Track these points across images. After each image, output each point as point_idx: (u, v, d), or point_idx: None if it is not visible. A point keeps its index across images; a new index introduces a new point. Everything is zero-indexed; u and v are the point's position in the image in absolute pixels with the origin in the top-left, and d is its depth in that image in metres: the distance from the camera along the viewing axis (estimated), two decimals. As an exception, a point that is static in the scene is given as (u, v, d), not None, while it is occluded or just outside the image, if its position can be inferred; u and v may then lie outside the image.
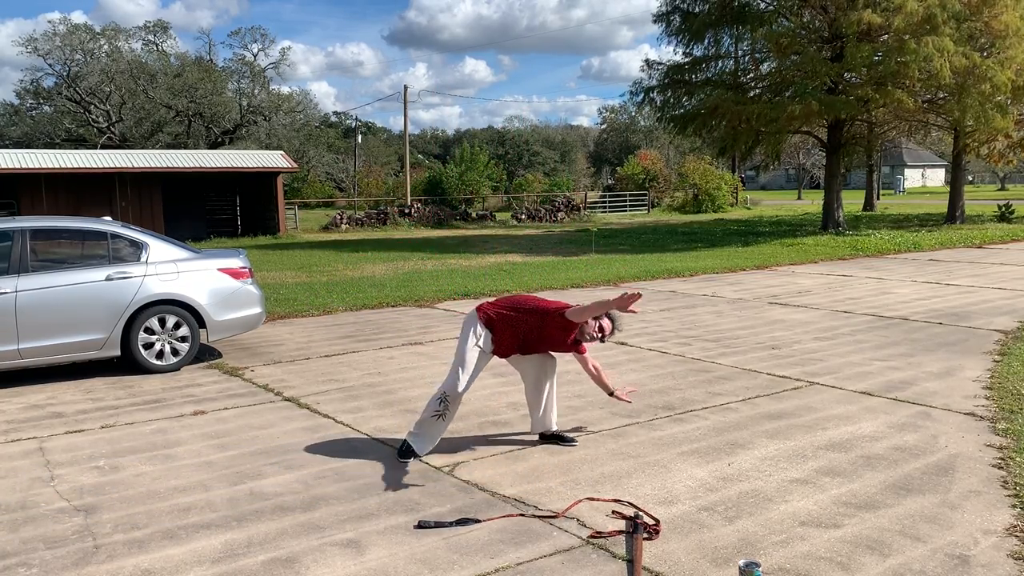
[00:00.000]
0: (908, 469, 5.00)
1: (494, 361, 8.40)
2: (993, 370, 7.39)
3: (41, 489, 5.00)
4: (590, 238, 23.47)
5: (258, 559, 3.99)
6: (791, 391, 6.85)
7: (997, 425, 5.77)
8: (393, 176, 62.66)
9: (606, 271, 15.93)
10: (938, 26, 20.28)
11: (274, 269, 17.69)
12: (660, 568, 3.81)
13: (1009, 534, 4.08)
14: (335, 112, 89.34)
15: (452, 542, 4.13)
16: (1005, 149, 27.64)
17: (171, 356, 8.12)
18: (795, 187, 68.48)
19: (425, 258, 19.89)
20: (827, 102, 22.10)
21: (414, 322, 10.79)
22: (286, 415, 6.50)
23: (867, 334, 9.22)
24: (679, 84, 26.53)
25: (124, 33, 50.40)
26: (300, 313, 11.65)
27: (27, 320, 7.46)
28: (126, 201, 27.25)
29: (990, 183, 75.13)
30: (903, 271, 15.30)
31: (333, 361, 8.49)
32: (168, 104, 47.73)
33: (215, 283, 8.36)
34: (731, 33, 25.85)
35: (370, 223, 34.14)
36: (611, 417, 6.24)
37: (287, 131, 51.49)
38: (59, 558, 4.05)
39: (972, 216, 29.70)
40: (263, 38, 66.10)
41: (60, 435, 6.09)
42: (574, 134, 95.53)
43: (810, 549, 3.96)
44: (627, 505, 4.52)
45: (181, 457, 5.53)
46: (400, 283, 14.71)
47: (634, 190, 45.78)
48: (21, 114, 51.38)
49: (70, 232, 8.21)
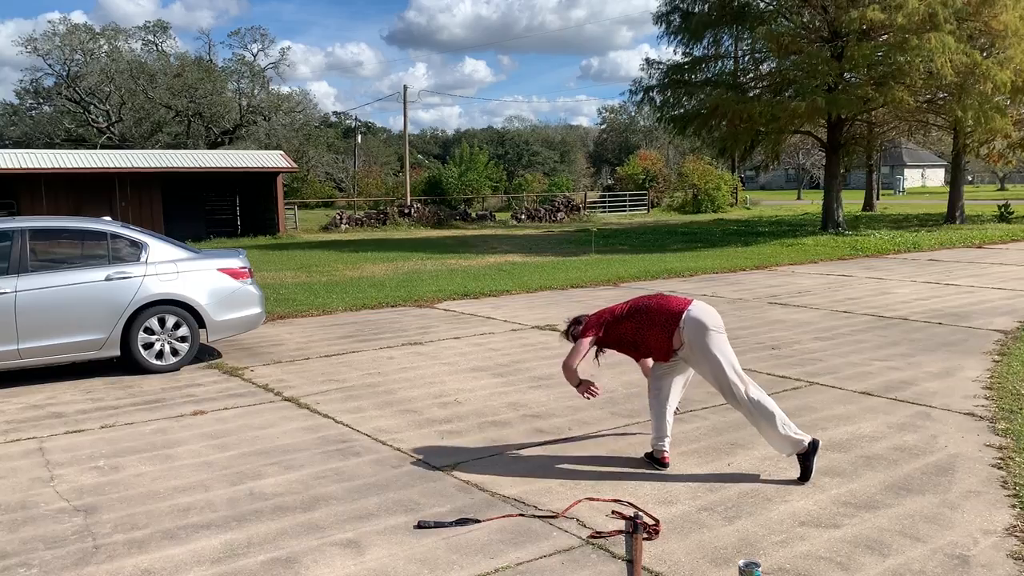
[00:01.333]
0: (908, 469, 5.00)
1: (492, 361, 8.44)
2: (993, 370, 7.39)
3: (41, 489, 5.00)
4: (590, 238, 23.47)
5: (258, 559, 3.99)
6: (791, 391, 6.85)
7: (997, 425, 5.77)
8: (393, 176, 62.62)
9: (606, 271, 15.93)
10: (940, 24, 20.29)
11: (274, 269, 17.69)
12: (660, 568, 3.81)
13: (1009, 534, 4.08)
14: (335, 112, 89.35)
15: (452, 542, 4.13)
16: (1004, 149, 27.66)
17: (171, 356, 8.12)
18: (795, 187, 68.50)
19: (425, 258, 19.89)
20: (828, 100, 22.10)
21: (414, 322, 10.79)
22: (286, 415, 6.50)
23: (867, 334, 9.22)
24: (679, 84, 26.54)
25: (124, 33, 50.44)
26: (300, 313, 11.65)
27: (27, 320, 7.46)
28: (126, 201, 27.25)
29: (990, 183, 75.12)
30: (903, 271, 15.30)
31: (333, 361, 8.49)
32: (168, 104, 47.72)
33: (215, 283, 8.36)
34: (731, 33, 25.88)
35: (370, 223, 34.14)
36: (611, 417, 6.24)
37: (287, 131, 51.48)
38: (59, 558, 4.05)
39: (972, 216, 29.70)
40: (263, 38, 65.97)
41: (60, 435, 6.09)
42: (574, 134, 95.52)
43: (810, 549, 3.96)
44: (627, 505, 4.52)
45: (181, 457, 5.53)
46: (400, 283, 14.71)
47: (634, 190, 45.77)
48: (21, 114, 51.39)
49: (70, 232, 8.22)
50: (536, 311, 11.42)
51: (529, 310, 11.55)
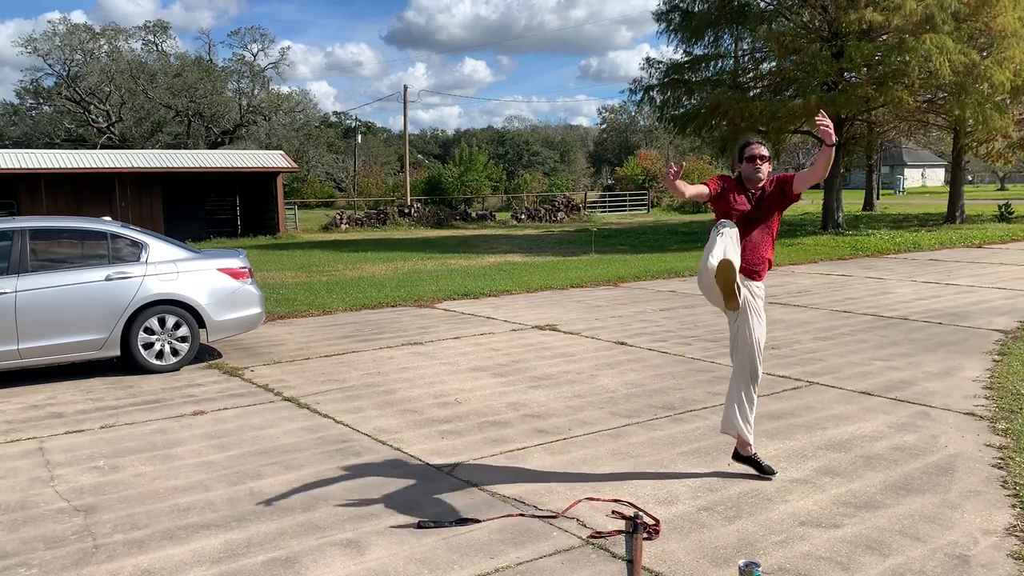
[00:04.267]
0: (908, 469, 5.00)
1: (492, 361, 8.45)
2: (993, 370, 7.38)
3: (41, 489, 5.00)
4: (590, 238, 23.47)
5: (258, 559, 3.99)
6: (791, 391, 6.85)
7: (997, 425, 5.77)
8: (393, 176, 62.65)
9: (606, 271, 15.92)
10: (937, 25, 20.32)
11: (274, 269, 17.69)
12: (660, 568, 3.81)
13: (1009, 534, 4.08)
14: (335, 112, 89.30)
15: (452, 542, 4.13)
16: (1004, 149, 27.65)
17: (171, 356, 8.12)
18: (795, 187, 68.27)
19: (425, 258, 19.89)
20: (828, 99, 22.10)
21: (414, 322, 10.79)
22: (286, 415, 6.50)
23: (867, 334, 9.22)
24: (679, 83, 26.52)
25: (124, 33, 50.44)
26: (300, 313, 11.65)
27: (27, 320, 7.46)
28: (126, 201, 27.25)
29: (990, 183, 75.10)
30: (903, 271, 15.30)
31: (333, 361, 8.49)
32: (168, 104, 47.74)
33: (215, 283, 8.36)
34: (731, 32, 25.84)
35: (370, 223, 34.14)
36: (611, 417, 6.24)
37: (287, 131, 51.50)
38: (59, 558, 4.05)
39: (972, 216, 29.70)
40: (263, 38, 66.00)
41: (60, 435, 6.09)
42: (574, 134, 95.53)
43: (810, 549, 3.96)
44: (627, 505, 4.51)
45: (181, 457, 5.53)
46: (400, 283, 14.71)
47: (634, 190, 45.78)
48: (21, 114, 51.39)
49: (70, 232, 8.22)
50: (536, 311, 11.42)
51: (529, 310, 11.55)
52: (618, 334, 9.54)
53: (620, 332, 9.67)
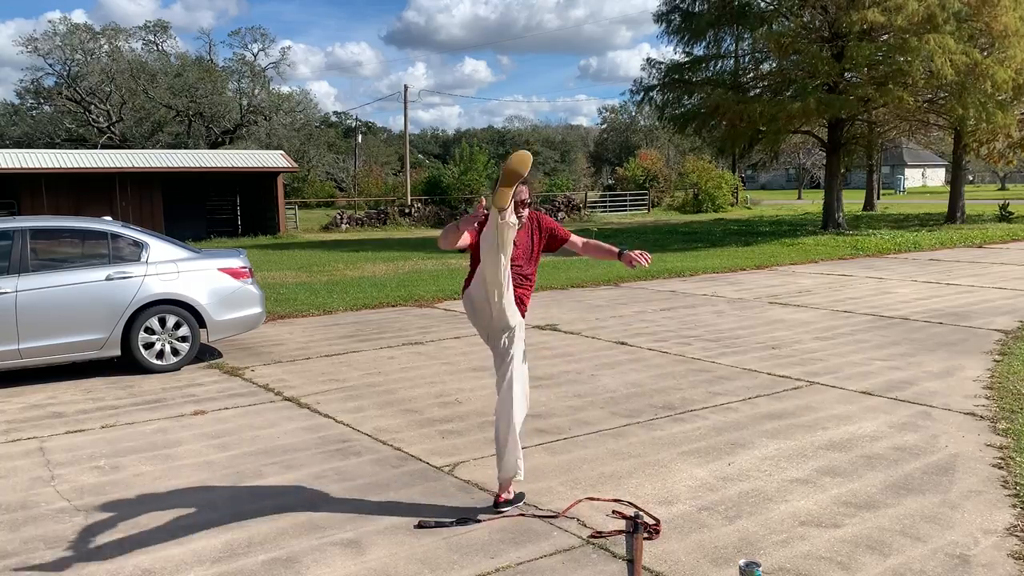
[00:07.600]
0: (908, 469, 4.99)
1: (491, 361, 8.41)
2: (993, 370, 7.38)
3: (41, 489, 5.00)
4: (590, 238, 23.44)
5: (258, 559, 3.99)
6: (791, 391, 6.85)
7: (997, 425, 5.77)
8: (393, 176, 62.60)
9: (606, 271, 15.91)
10: (939, 25, 20.33)
11: (274, 269, 17.69)
12: (660, 568, 3.81)
13: (1009, 534, 4.07)
14: (335, 112, 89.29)
15: (452, 542, 4.13)
16: (1005, 149, 27.62)
17: (171, 356, 8.12)
18: (795, 187, 68.44)
19: (425, 258, 19.89)
20: (827, 101, 22.11)
21: (414, 322, 10.79)
22: (286, 415, 6.50)
23: (867, 334, 9.22)
24: (679, 83, 26.54)
25: (124, 33, 50.50)
26: (300, 313, 11.65)
27: (27, 320, 7.46)
28: (126, 201, 27.26)
29: (990, 183, 75.08)
30: (903, 271, 15.30)
31: (333, 361, 8.49)
32: (168, 104, 47.76)
33: (215, 283, 8.36)
34: (731, 32, 25.86)
35: (370, 223, 34.14)
36: (611, 417, 6.24)
37: (287, 131, 51.53)
38: (60, 557, 4.05)
39: (972, 216, 29.68)
40: (263, 38, 65.89)
41: (60, 435, 6.09)
42: (574, 134, 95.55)
43: (810, 549, 3.96)
44: (627, 505, 4.51)
45: (181, 457, 5.53)
46: (400, 283, 14.71)
47: (634, 190, 45.75)
48: (21, 114, 51.44)
49: (70, 232, 8.22)
50: (536, 311, 11.42)
51: (529, 310, 11.52)
52: (618, 334, 9.54)
53: (620, 332, 9.67)
